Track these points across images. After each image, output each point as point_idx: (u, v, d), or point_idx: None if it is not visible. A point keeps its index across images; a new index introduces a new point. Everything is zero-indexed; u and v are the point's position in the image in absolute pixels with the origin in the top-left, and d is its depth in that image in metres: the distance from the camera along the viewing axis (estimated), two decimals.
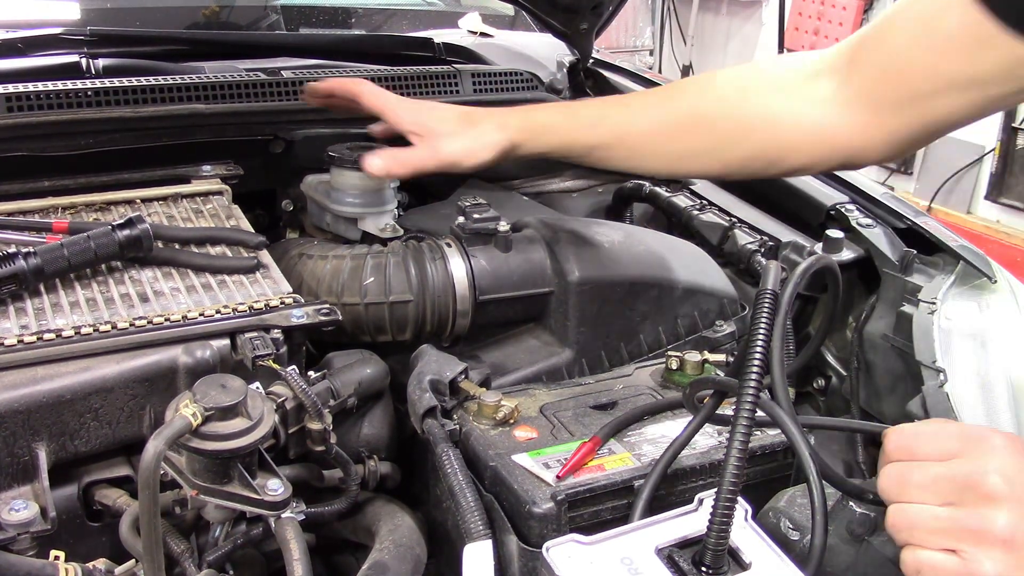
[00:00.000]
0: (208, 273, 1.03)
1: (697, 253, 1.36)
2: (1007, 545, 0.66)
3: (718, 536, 0.74)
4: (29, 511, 0.79)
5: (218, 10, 1.96)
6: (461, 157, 1.16)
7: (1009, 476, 0.67)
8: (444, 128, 1.17)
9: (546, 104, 1.22)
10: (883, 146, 1.03)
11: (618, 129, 1.16)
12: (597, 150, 1.17)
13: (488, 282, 1.18)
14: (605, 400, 1.06)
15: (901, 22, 0.97)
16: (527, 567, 0.87)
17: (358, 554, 1.06)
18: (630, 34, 5.91)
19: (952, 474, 0.69)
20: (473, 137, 1.15)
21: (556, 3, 1.70)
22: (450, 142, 1.16)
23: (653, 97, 1.19)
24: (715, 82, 1.16)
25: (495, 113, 1.19)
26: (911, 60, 0.95)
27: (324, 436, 0.93)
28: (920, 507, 0.70)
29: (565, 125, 1.17)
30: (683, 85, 1.21)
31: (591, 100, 1.22)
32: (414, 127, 1.18)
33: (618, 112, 1.17)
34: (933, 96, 0.95)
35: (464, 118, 1.17)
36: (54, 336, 0.87)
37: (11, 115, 1.25)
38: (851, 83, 1.03)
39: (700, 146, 1.14)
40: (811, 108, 1.05)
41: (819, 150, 1.07)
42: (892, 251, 1.29)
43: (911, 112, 0.98)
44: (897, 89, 0.98)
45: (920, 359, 1.12)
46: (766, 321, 0.78)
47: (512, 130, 1.16)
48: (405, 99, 1.23)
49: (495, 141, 1.15)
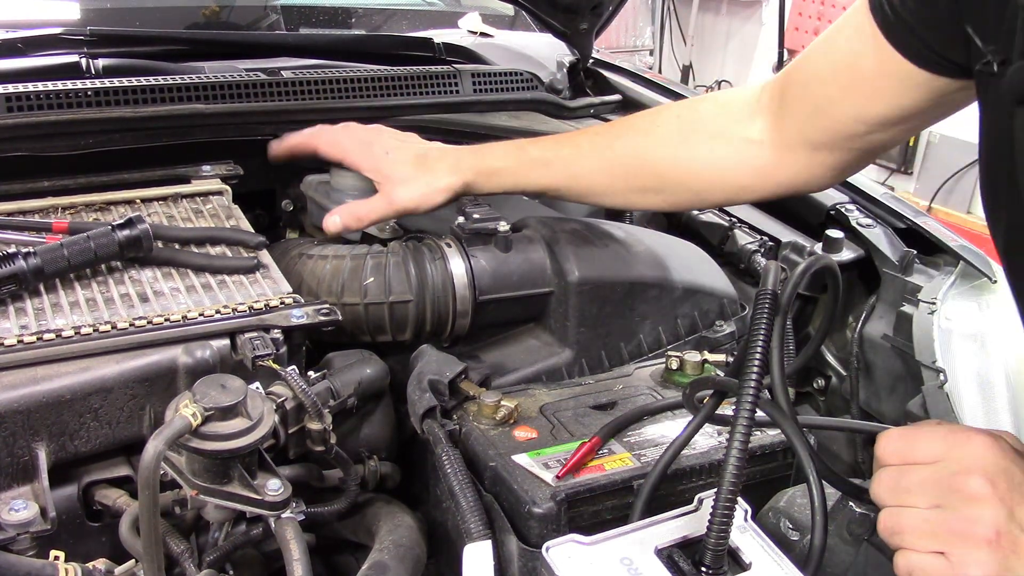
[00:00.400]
0: (208, 273, 1.03)
1: (697, 253, 1.36)
2: (992, 545, 0.67)
3: (718, 536, 0.74)
4: (29, 511, 0.79)
5: (218, 10, 1.96)
6: (416, 204, 1.20)
7: (991, 476, 0.68)
8: (399, 174, 1.21)
9: (499, 145, 1.25)
10: (827, 177, 1.10)
11: (568, 170, 1.21)
12: (550, 190, 1.23)
13: (488, 282, 1.18)
14: (605, 400, 1.06)
15: (821, 67, 1.00)
16: (527, 567, 0.87)
17: (358, 554, 1.06)
18: (630, 34, 5.91)
19: (937, 477, 0.70)
20: (427, 183, 1.20)
21: (556, 3, 1.70)
22: (404, 190, 1.20)
23: (601, 137, 1.23)
24: (658, 125, 1.20)
25: (449, 155, 1.23)
26: (839, 106, 0.98)
27: (324, 436, 0.93)
28: (909, 511, 0.71)
29: (517, 167, 1.22)
30: (629, 125, 1.25)
31: (544, 140, 1.27)
32: (371, 174, 1.23)
33: (568, 152, 1.22)
34: (867, 135, 0.99)
35: (418, 162, 1.21)
36: (54, 336, 0.87)
37: (11, 115, 1.25)
38: (784, 125, 1.07)
39: (648, 186, 1.19)
40: (751, 150, 1.11)
41: (765, 186, 1.13)
42: (892, 251, 1.29)
43: (848, 149, 1.03)
44: (830, 132, 1.02)
45: (920, 359, 1.12)
46: (766, 321, 0.78)
47: (465, 172, 1.20)
48: (364, 139, 1.26)
49: (448, 185, 1.20)
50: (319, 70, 1.55)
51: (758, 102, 1.11)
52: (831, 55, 0.98)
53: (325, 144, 1.27)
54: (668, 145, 1.17)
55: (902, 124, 0.96)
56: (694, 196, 1.21)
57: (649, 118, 1.23)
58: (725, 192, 1.18)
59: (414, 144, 1.26)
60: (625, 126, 1.24)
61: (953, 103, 0.91)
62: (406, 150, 1.24)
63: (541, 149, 1.23)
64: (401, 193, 1.20)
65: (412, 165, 1.21)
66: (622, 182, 1.20)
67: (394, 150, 1.24)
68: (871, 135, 0.99)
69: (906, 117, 0.94)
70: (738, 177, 1.14)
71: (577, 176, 1.21)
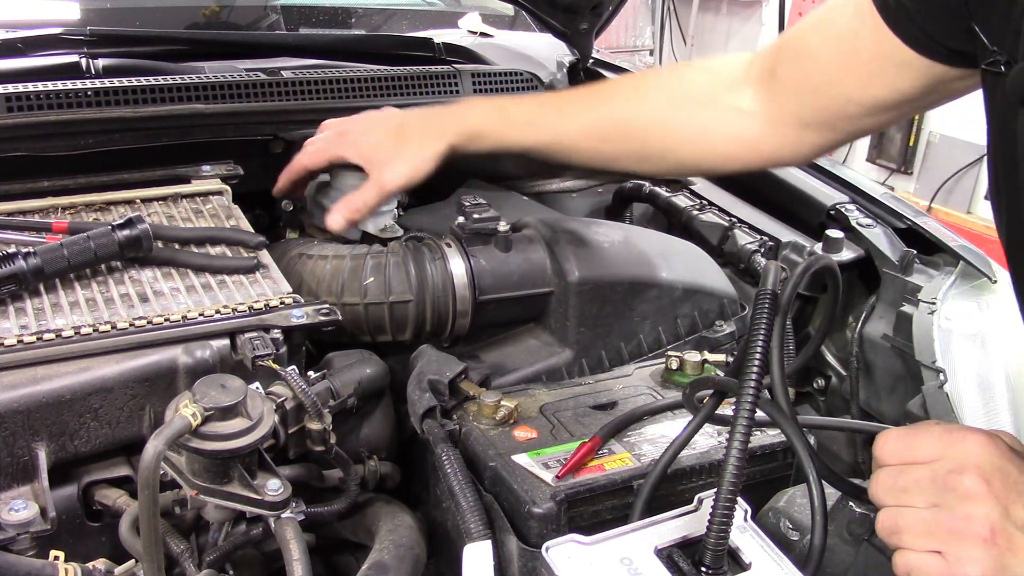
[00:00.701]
0: (208, 273, 1.03)
1: (697, 253, 1.36)
2: (988, 543, 0.67)
3: (718, 536, 0.74)
4: (29, 511, 0.79)
5: (218, 10, 1.96)
6: (407, 180, 1.20)
7: (986, 474, 0.68)
8: (383, 154, 1.21)
9: (479, 105, 1.24)
10: (810, 154, 1.09)
11: (552, 131, 1.20)
12: (534, 150, 1.22)
13: (488, 282, 1.18)
14: (605, 400, 1.06)
15: (816, 45, 0.99)
16: (527, 567, 0.87)
17: (358, 554, 1.06)
18: (630, 34, 5.91)
19: (933, 476, 0.70)
20: (412, 154, 1.19)
21: (556, 3, 1.70)
22: (392, 170, 1.20)
23: (586, 100, 1.21)
24: (646, 90, 1.19)
25: (429, 119, 1.22)
26: (834, 87, 0.97)
27: (324, 436, 0.93)
28: (907, 510, 0.71)
29: (500, 127, 1.21)
30: (615, 88, 1.23)
31: (526, 99, 1.26)
32: (359, 160, 1.23)
33: (552, 113, 1.20)
34: (860, 117, 0.98)
35: (398, 135, 1.21)
36: (54, 336, 0.87)
37: (11, 115, 1.25)
38: (775, 99, 1.06)
39: (632, 151, 1.18)
40: (741, 120, 1.09)
41: (749, 157, 1.12)
42: (892, 251, 1.29)
43: (839, 130, 1.03)
44: (823, 112, 1.01)
45: (920, 359, 1.12)
46: (766, 321, 0.78)
47: (449, 135, 1.20)
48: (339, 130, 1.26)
49: (434, 151, 1.19)
50: (319, 70, 1.55)
51: (748, 72, 1.09)
52: (827, 35, 0.97)
53: (308, 156, 1.27)
54: (655, 111, 1.15)
55: (897, 109, 0.96)
56: (677, 163, 1.19)
57: (636, 82, 1.22)
58: (709, 161, 1.16)
59: (391, 118, 1.25)
60: (612, 90, 1.23)
61: (950, 91, 0.91)
62: (383, 126, 1.24)
63: (523, 110, 1.22)
64: (389, 174, 1.20)
65: (393, 140, 1.21)
66: (606, 145, 1.18)
67: (370, 130, 1.24)
68: (864, 118, 0.98)
69: (902, 102, 0.94)
70: (724, 146, 1.12)
71: (560, 136, 1.19)
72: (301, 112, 1.44)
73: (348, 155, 1.23)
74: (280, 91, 1.46)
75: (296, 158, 1.29)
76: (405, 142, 1.20)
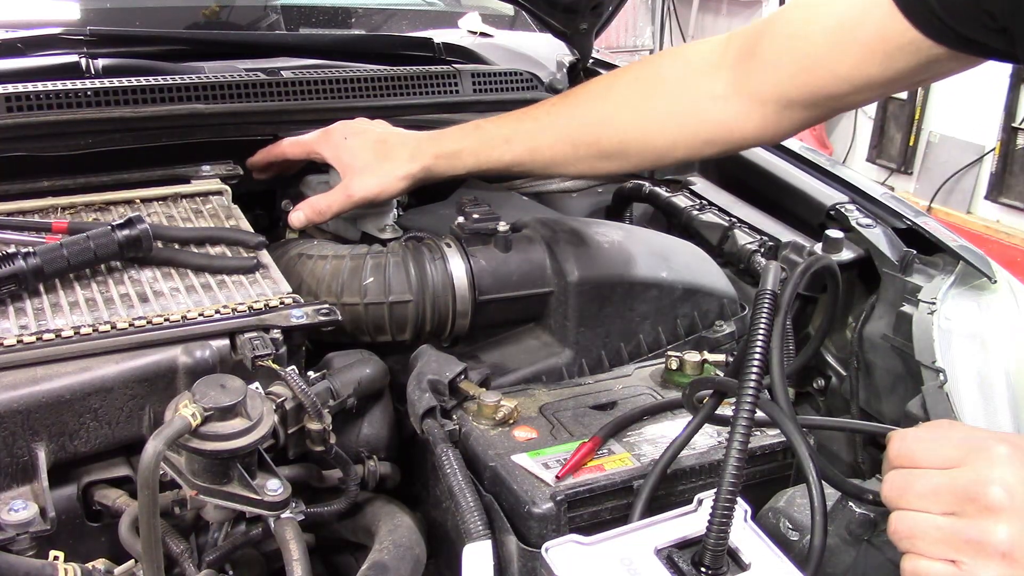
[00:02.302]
0: (208, 273, 1.03)
1: (697, 253, 1.36)
2: (1006, 558, 0.65)
3: (717, 536, 0.74)
4: (28, 511, 0.79)
5: (218, 10, 1.96)
6: (375, 194, 1.22)
7: (1010, 487, 0.67)
8: (359, 162, 1.22)
9: (456, 127, 1.25)
10: (789, 132, 1.10)
11: (530, 143, 1.20)
12: (514, 166, 1.23)
13: (488, 282, 1.18)
14: (605, 400, 1.06)
15: (810, 25, 0.99)
16: (527, 567, 0.87)
17: (358, 554, 1.06)
18: (630, 34, 5.91)
19: (953, 484, 0.69)
20: (386, 171, 1.21)
21: (556, 3, 1.70)
22: (361, 181, 1.21)
23: (560, 107, 1.22)
24: (618, 88, 1.19)
25: (409, 141, 1.23)
26: (828, 64, 0.97)
27: (324, 436, 0.93)
28: (921, 516, 0.70)
29: (476, 147, 1.22)
30: (587, 91, 1.23)
31: (502, 117, 1.26)
32: (333, 162, 1.25)
33: (528, 127, 1.21)
34: (846, 96, 0.99)
35: (378, 150, 1.22)
36: (54, 336, 0.87)
37: (11, 115, 1.25)
38: (755, 79, 1.05)
39: (611, 151, 1.18)
40: (716, 105, 1.09)
41: (729, 140, 1.12)
42: (892, 251, 1.29)
43: (821, 108, 1.03)
44: (811, 90, 1.01)
45: (920, 359, 1.12)
46: (766, 321, 0.78)
47: (424, 157, 1.21)
48: (329, 129, 1.28)
49: (407, 172, 1.21)
50: (319, 70, 1.55)
51: (723, 55, 1.09)
52: (831, 11, 0.96)
53: (288, 145, 1.29)
54: (628, 107, 1.15)
55: (885, 87, 0.96)
56: (657, 156, 1.19)
57: (607, 82, 1.21)
58: (689, 149, 1.16)
59: (377, 130, 1.26)
60: (583, 94, 1.23)
61: (942, 71, 0.91)
62: (367, 136, 1.24)
63: (499, 126, 1.23)
64: (358, 184, 1.21)
65: (372, 152, 1.22)
66: (584, 150, 1.18)
67: (353, 135, 1.24)
68: (851, 95, 0.98)
69: (892, 80, 0.94)
70: (701, 132, 1.12)
71: (539, 149, 1.20)
72: (301, 112, 1.44)
73: (325, 155, 1.25)
74: (280, 91, 1.46)
75: (279, 142, 1.31)
76: (382, 158, 1.21)
